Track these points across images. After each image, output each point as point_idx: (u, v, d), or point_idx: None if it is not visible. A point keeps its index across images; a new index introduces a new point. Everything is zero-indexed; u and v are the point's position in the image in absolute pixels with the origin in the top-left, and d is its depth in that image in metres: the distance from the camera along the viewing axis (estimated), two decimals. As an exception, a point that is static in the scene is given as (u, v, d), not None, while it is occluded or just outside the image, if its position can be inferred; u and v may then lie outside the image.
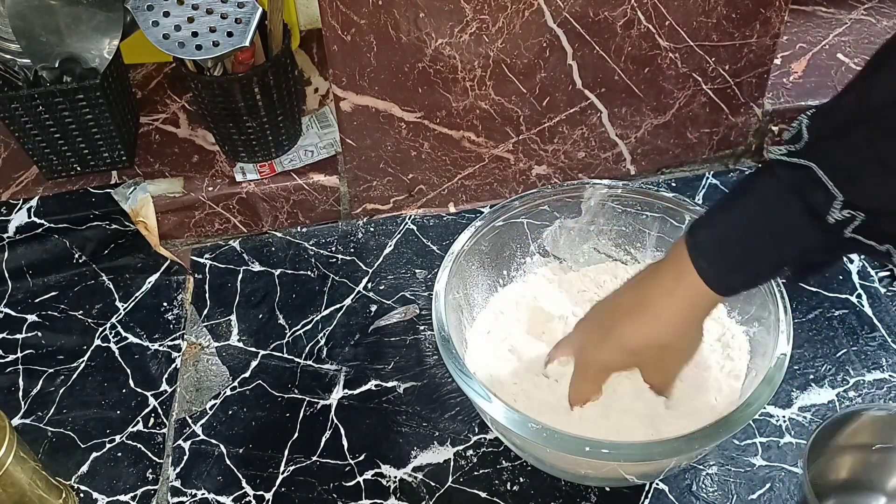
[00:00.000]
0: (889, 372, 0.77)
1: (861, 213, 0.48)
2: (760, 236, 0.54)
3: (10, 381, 0.80)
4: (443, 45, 0.79)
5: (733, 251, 0.57)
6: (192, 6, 0.77)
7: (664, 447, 0.59)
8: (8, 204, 0.90)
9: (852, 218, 0.49)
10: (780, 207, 0.53)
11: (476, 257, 0.77)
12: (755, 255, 0.55)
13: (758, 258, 0.55)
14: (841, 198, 0.48)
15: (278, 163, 0.92)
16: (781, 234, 0.53)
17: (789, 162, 0.51)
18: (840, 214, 0.49)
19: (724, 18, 0.83)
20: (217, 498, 0.71)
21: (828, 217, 0.49)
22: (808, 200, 0.50)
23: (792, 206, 0.51)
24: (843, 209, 0.49)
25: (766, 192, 0.54)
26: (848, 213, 0.48)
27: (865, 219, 0.48)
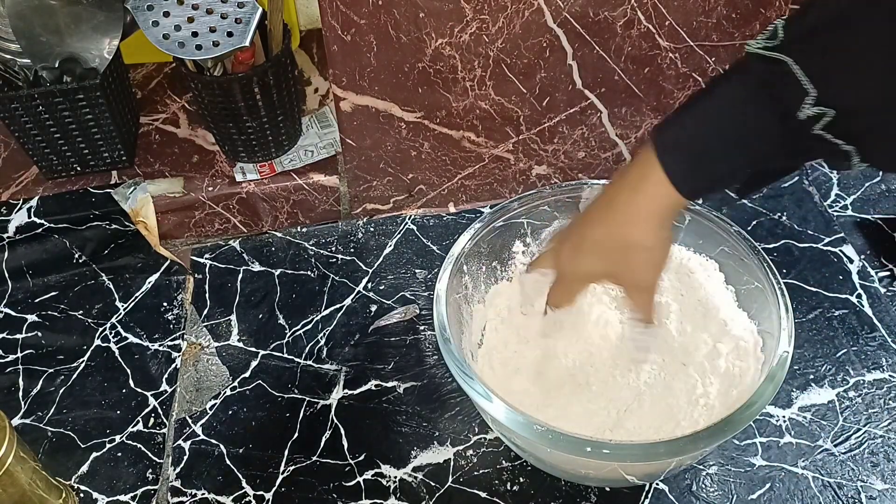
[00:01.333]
0: (889, 372, 0.77)
1: (832, 109, 0.48)
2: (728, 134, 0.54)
3: (10, 381, 0.80)
4: (443, 45, 0.79)
5: (697, 149, 0.56)
6: (192, 6, 0.77)
7: (665, 447, 0.59)
8: (8, 204, 0.90)
9: (822, 114, 0.48)
10: (750, 103, 0.52)
11: (476, 258, 0.77)
12: (719, 155, 0.55)
13: (723, 157, 0.55)
14: (814, 93, 0.48)
15: (278, 163, 0.92)
16: (748, 133, 0.53)
17: (765, 55, 0.51)
18: (811, 110, 0.49)
19: (724, 18, 0.83)
20: (217, 498, 0.71)
21: (798, 113, 0.49)
22: (779, 96, 0.50)
23: (761, 104, 0.51)
24: (814, 105, 0.48)
25: (738, 88, 0.54)
26: (819, 109, 0.48)
27: (836, 116, 0.48)
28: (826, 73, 0.48)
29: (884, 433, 0.72)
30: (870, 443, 0.72)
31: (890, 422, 0.73)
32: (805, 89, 0.49)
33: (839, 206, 0.92)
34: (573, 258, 0.65)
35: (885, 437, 0.72)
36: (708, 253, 0.77)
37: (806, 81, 0.49)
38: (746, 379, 0.69)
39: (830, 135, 0.49)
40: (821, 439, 0.72)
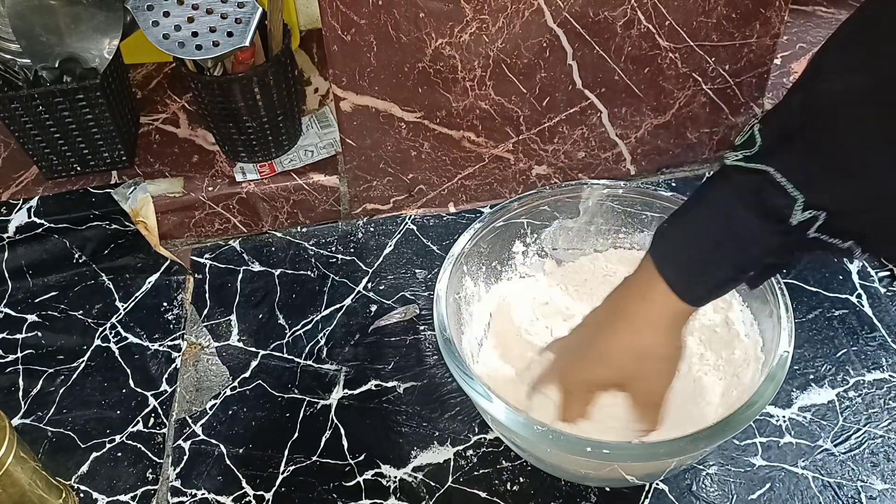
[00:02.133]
0: (889, 372, 0.77)
1: (823, 211, 0.48)
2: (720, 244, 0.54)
3: (10, 381, 0.80)
4: (443, 45, 0.79)
5: (694, 260, 0.56)
6: (192, 6, 0.77)
7: (665, 447, 0.59)
8: (8, 204, 0.90)
9: (815, 218, 0.48)
10: (739, 214, 0.52)
11: (476, 258, 0.77)
12: (717, 263, 0.55)
13: (720, 266, 0.55)
14: (802, 199, 0.48)
15: (278, 163, 0.92)
16: (742, 240, 0.53)
17: (745, 167, 0.51)
18: (802, 215, 0.49)
19: (724, 18, 0.83)
20: (217, 498, 0.71)
21: (790, 220, 0.49)
22: (767, 204, 0.50)
23: (751, 211, 0.51)
24: (804, 210, 0.48)
25: (723, 199, 0.53)
26: (810, 213, 0.48)
27: (828, 217, 0.48)
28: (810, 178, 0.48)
29: (884, 433, 0.72)
30: (870, 443, 0.72)
31: (890, 422, 0.73)
32: (792, 196, 0.48)
33: (839, 206, 0.92)
34: (579, 369, 0.64)
35: (885, 437, 0.72)
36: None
37: (791, 188, 0.48)
38: (746, 379, 0.69)
39: (826, 236, 0.49)
40: (821, 439, 0.72)
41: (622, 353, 0.61)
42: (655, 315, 0.59)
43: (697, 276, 0.57)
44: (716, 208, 0.55)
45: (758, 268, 0.55)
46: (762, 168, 0.50)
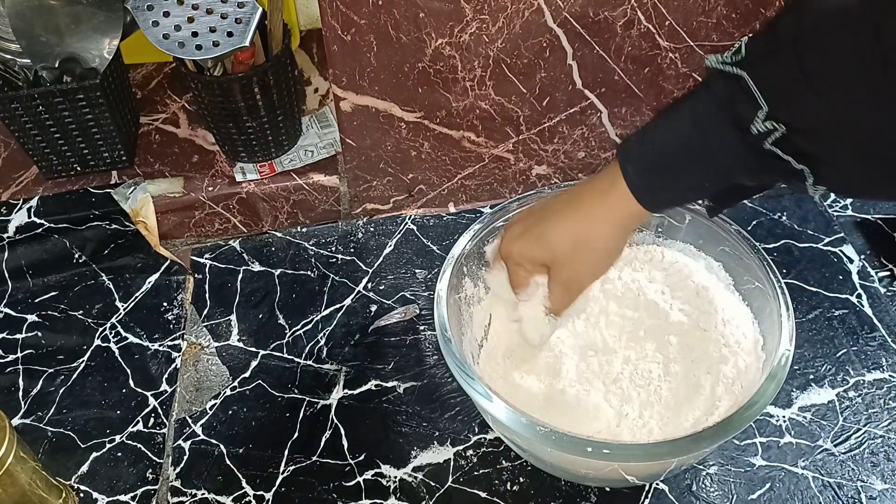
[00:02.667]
0: (889, 372, 0.77)
1: (782, 125, 0.49)
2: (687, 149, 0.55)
3: (10, 381, 0.80)
4: (443, 45, 0.79)
5: (659, 165, 0.57)
6: (192, 6, 0.77)
7: (667, 448, 0.59)
8: (8, 204, 0.90)
9: (773, 130, 0.49)
10: (709, 117, 0.53)
11: (476, 259, 0.77)
12: (681, 169, 0.56)
13: (683, 172, 0.56)
14: (766, 108, 0.49)
15: (278, 163, 0.92)
16: (707, 148, 0.54)
17: (723, 71, 0.52)
18: (763, 126, 0.50)
19: (724, 18, 0.83)
20: (217, 498, 0.71)
21: (751, 126, 0.50)
22: (735, 110, 0.51)
23: (720, 116, 0.52)
24: (766, 120, 0.49)
25: (697, 103, 0.55)
26: (770, 124, 0.49)
27: (786, 132, 0.49)
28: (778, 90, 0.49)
29: (884, 433, 0.72)
30: (870, 443, 0.72)
31: (890, 422, 0.73)
32: (758, 104, 0.50)
33: (839, 206, 0.92)
34: (518, 240, 0.65)
35: (885, 437, 0.72)
36: (708, 252, 0.77)
37: (759, 96, 0.50)
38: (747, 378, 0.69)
39: (780, 150, 0.50)
40: (821, 439, 0.72)
41: (562, 236, 0.62)
42: (607, 210, 0.60)
43: (658, 180, 0.58)
44: (687, 114, 0.56)
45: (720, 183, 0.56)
46: (738, 73, 0.51)
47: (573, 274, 0.64)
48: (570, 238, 0.62)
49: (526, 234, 0.65)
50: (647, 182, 0.58)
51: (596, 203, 0.61)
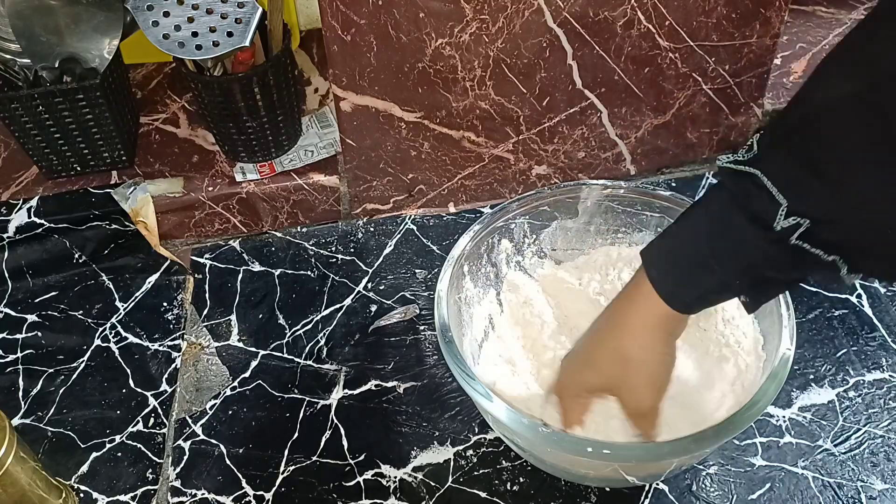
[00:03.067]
0: (889, 372, 0.77)
1: (805, 219, 0.48)
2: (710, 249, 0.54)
3: (10, 381, 0.80)
4: (443, 45, 0.79)
5: (682, 264, 0.56)
6: (192, 6, 0.77)
7: (668, 448, 0.59)
8: (8, 204, 0.90)
9: (797, 225, 0.48)
10: (726, 217, 0.53)
11: (477, 260, 0.77)
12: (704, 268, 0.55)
13: (707, 271, 0.55)
14: (785, 204, 0.48)
15: (278, 163, 0.92)
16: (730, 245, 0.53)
17: (735, 170, 0.51)
18: (786, 221, 0.49)
19: (724, 18, 0.83)
20: (217, 498, 0.71)
21: (774, 224, 0.49)
22: (753, 208, 0.50)
23: (737, 215, 0.51)
24: (787, 216, 0.49)
25: (714, 203, 0.54)
26: (793, 219, 0.48)
27: (810, 225, 0.48)
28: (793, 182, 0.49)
29: (884, 433, 0.72)
30: (870, 443, 0.72)
31: (890, 422, 0.73)
32: (777, 200, 0.49)
33: (839, 206, 0.92)
34: (570, 374, 0.65)
35: (885, 437, 0.72)
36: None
37: (776, 192, 0.49)
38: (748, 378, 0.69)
39: (808, 244, 0.49)
40: (821, 439, 0.72)
41: (609, 357, 0.61)
42: (642, 318, 0.59)
43: (684, 281, 0.57)
44: (707, 213, 0.55)
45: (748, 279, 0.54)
46: (750, 171, 0.50)
47: (636, 393, 0.62)
48: (617, 357, 0.60)
49: (576, 367, 0.65)
50: (674, 284, 0.57)
51: (629, 314, 0.59)
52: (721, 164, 0.52)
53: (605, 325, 0.62)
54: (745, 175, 0.50)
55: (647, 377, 0.61)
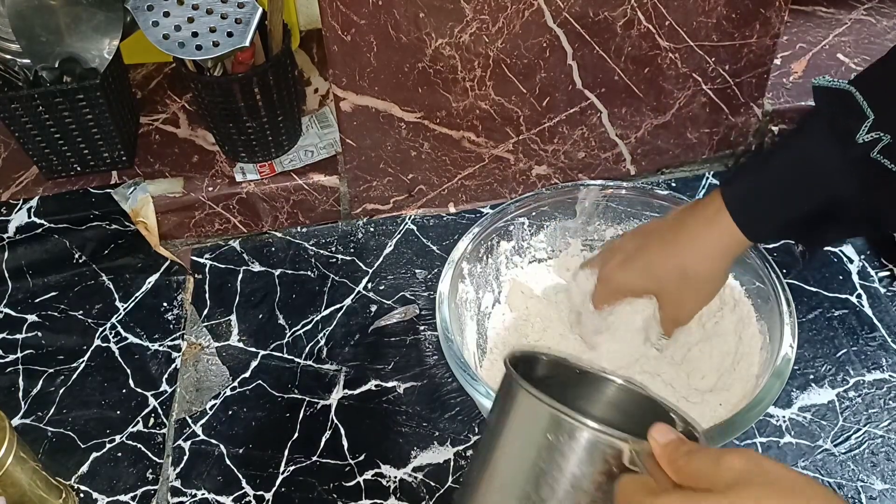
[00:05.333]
0: (889, 372, 0.77)
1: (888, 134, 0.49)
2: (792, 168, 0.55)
3: (10, 381, 0.80)
4: (443, 45, 0.79)
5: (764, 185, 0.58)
6: (192, 6, 0.77)
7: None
8: (8, 204, 0.90)
9: (878, 139, 0.50)
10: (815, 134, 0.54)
11: (477, 261, 0.77)
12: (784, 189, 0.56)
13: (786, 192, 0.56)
14: (872, 117, 0.50)
15: (278, 163, 0.92)
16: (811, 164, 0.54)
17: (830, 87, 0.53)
18: (867, 136, 0.50)
19: (724, 18, 0.83)
20: (217, 498, 0.71)
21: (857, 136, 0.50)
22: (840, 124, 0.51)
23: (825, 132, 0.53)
24: (870, 130, 0.50)
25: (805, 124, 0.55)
26: (875, 134, 0.50)
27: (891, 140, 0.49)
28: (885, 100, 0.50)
29: (884, 433, 0.72)
30: (870, 443, 0.72)
31: (890, 422, 0.73)
32: (865, 114, 0.50)
33: (839, 206, 0.92)
34: (621, 268, 0.65)
35: (885, 437, 0.72)
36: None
37: (865, 107, 0.50)
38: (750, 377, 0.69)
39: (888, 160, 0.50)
40: (821, 439, 0.72)
41: (669, 269, 0.63)
42: (713, 242, 0.60)
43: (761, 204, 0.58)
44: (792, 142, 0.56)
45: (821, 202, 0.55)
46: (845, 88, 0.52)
47: (681, 305, 0.64)
48: (676, 270, 0.62)
49: (630, 264, 0.65)
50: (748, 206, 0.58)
51: (700, 233, 0.61)
52: (815, 83, 0.54)
53: (671, 237, 0.63)
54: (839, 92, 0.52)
55: (700, 296, 0.64)
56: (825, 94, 0.53)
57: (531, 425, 0.44)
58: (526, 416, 0.44)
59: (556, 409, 0.42)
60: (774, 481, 0.37)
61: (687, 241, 0.62)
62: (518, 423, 0.45)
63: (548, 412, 0.42)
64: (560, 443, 0.42)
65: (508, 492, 0.44)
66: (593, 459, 0.41)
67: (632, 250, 0.66)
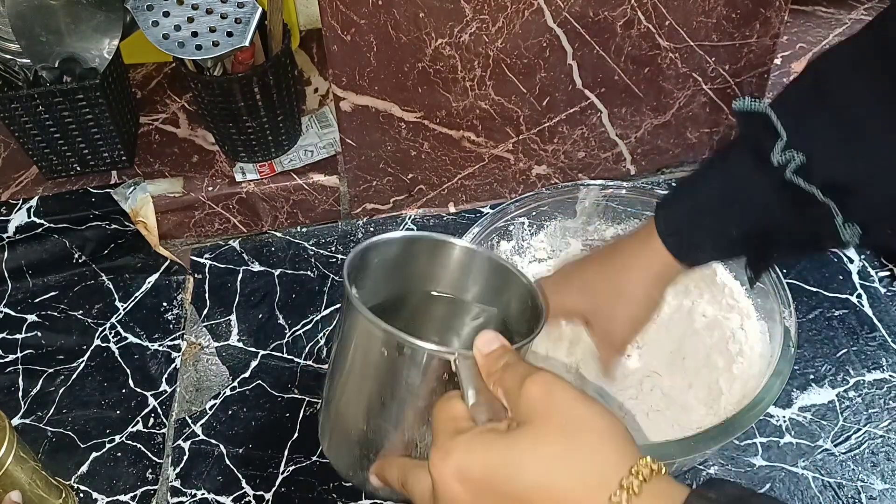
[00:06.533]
0: (889, 372, 0.77)
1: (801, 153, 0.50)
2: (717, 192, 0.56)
3: (10, 381, 0.80)
4: (443, 45, 0.79)
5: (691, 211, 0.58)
6: (191, 6, 0.77)
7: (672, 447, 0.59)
8: (8, 204, 0.90)
9: (791, 159, 0.50)
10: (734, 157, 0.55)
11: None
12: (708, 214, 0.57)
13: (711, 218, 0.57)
14: (784, 138, 0.50)
15: (278, 163, 0.92)
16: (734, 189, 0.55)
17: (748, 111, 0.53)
18: (781, 156, 0.50)
19: (724, 18, 0.83)
20: (217, 498, 0.71)
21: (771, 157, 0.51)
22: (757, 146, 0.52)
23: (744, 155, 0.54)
24: (784, 150, 0.50)
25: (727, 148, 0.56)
26: (789, 153, 0.50)
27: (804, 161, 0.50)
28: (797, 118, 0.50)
29: (884, 433, 0.72)
30: (870, 443, 0.72)
31: (890, 422, 0.73)
32: (779, 133, 0.50)
33: (839, 206, 0.92)
34: (558, 289, 0.65)
35: (885, 437, 0.72)
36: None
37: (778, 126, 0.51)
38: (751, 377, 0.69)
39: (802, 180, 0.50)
40: (821, 439, 0.72)
41: (601, 285, 0.63)
42: (646, 262, 0.60)
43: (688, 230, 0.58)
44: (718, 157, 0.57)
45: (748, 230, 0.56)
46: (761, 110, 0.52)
47: (611, 326, 0.64)
48: (607, 288, 0.62)
49: (565, 286, 0.65)
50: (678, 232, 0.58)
51: (633, 255, 0.61)
52: (736, 107, 0.54)
53: (606, 261, 0.64)
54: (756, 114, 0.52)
55: (632, 315, 0.63)
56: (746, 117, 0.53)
57: (368, 342, 0.48)
58: (362, 334, 0.49)
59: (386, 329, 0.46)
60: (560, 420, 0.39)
61: (619, 263, 0.62)
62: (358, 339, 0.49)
63: (380, 331, 0.46)
64: (394, 357, 0.46)
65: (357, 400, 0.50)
66: (424, 370, 0.46)
67: (571, 272, 0.66)
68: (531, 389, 0.40)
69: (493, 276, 0.57)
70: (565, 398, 0.40)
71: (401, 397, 0.47)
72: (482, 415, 0.42)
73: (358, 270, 0.52)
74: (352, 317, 0.49)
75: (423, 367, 0.46)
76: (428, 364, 0.46)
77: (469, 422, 0.42)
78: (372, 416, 0.49)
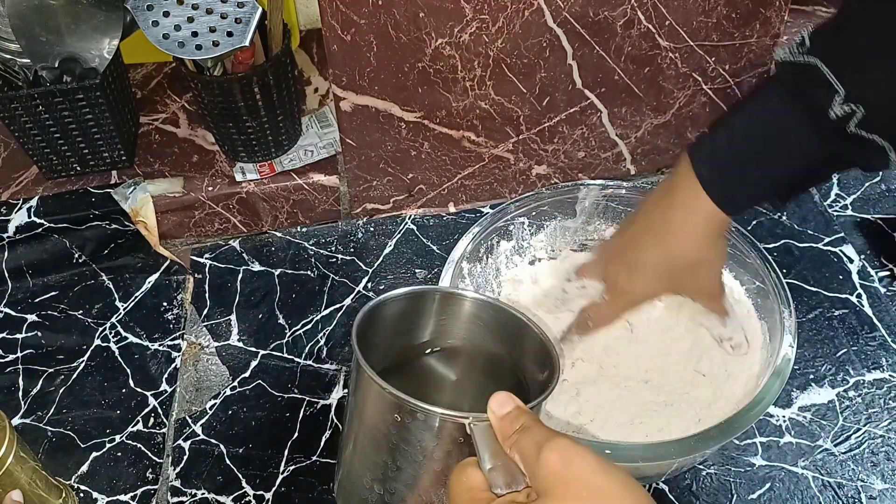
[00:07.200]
0: (889, 372, 0.77)
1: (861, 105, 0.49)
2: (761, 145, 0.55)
3: (10, 381, 0.80)
4: (443, 45, 0.79)
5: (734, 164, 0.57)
6: (191, 6, 0.77)
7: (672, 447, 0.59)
8: (8, 204, 0.90)
9: (853, 113, 0.49)
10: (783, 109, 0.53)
11: (476, 261, 0.77)
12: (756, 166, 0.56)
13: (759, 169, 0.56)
14: (843, 91, 0.49)
15: (278, 163, 0.92)
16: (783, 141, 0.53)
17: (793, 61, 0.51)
18: (841, 109, 0.49)
19: (724, 18, 0.83)
20: (217, 498, 0.71)
21: (829, 111, 0.49)
22: (809, 99, 0.50)
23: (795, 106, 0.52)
24: (844, 103, 0.49)
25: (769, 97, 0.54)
26: (849, 107, 0.49)
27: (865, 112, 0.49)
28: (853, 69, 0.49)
29: (884, 433, 0.72)
30: (870, 443, 0.72)
31: (890, 422, 0.73)
32: (834, 88, 0.49)
33: (839, 206, 0.92)
34: (631, 280, 0.65)
35: (885, 437, 0.72)
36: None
37: (834, 80, 0.49)
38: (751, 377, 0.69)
39: (865, 132, 0.49)
40: (821, 439, 0.72)
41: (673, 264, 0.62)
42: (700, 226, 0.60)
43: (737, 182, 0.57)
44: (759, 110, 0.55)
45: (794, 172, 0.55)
46: (809, 60, 0.50)
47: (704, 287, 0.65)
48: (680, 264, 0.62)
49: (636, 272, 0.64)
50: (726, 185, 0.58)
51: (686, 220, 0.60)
52: (779, 59, 0.52)
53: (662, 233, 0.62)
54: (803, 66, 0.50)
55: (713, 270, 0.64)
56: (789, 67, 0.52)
57: (380, 406, 0.48)
58: (375, 399, 0.49)
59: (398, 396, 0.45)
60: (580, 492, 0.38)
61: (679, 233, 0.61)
62: (370, 404, 0.49)
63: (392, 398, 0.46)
64: (407, 421, 0.46)
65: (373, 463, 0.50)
66: (439, 434, 0.46)
67: (632, 260, 0.65)
68: (549, 458, 0.39)
69: (506, 325, 0.56)
70: (584, 467, 0.38)
71: (416, 461, 0.47)
72: (499, 479, 0.41)
73: (366, 330, 0.52)
74: (363, 382, 0.48)
75: (437, 432, 0.46)
76: (442, 428, 0.46)
77: (486, 492, 0.40)
78: (388, 479, 0.49)
